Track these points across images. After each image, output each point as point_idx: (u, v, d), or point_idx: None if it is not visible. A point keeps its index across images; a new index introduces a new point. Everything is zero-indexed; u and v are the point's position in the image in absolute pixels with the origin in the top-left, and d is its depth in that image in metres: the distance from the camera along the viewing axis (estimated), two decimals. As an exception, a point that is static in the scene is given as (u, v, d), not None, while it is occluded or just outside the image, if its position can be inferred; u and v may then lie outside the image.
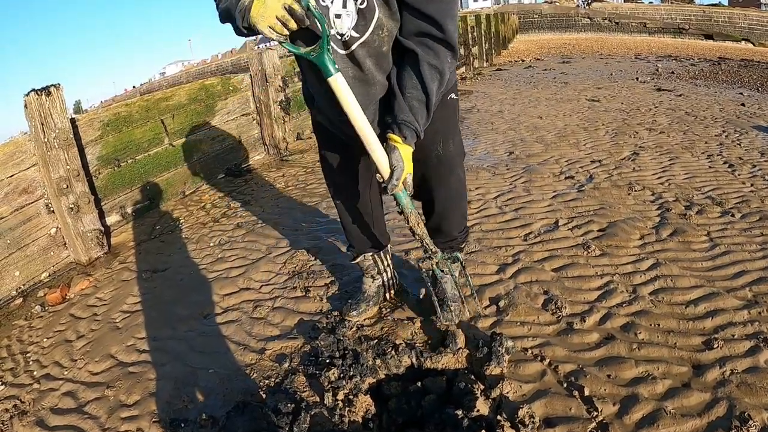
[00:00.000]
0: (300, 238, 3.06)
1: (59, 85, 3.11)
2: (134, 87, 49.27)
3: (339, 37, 1.56)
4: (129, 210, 3.75)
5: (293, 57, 5.81)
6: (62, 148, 3.07)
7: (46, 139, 3.00)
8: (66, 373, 2.15)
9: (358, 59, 1.59)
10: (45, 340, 2.43)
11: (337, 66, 1.53)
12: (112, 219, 3.61)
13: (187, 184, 4.28)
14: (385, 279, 2.25)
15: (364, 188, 2.03)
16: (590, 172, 3.68)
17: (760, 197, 3.06)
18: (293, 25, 1.43)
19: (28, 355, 2.34)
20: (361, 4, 1.51)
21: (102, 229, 3.32)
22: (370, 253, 2.20)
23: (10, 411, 1.96)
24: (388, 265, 2.26)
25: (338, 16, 1.52)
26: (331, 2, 1.51)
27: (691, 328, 1.91)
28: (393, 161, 1.62)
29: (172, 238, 3.38)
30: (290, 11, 1.40)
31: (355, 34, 1.55)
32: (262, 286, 2.57)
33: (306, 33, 1.51)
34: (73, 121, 3.28)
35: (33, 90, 3.01)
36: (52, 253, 3.14)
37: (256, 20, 1.43)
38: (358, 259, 2.22)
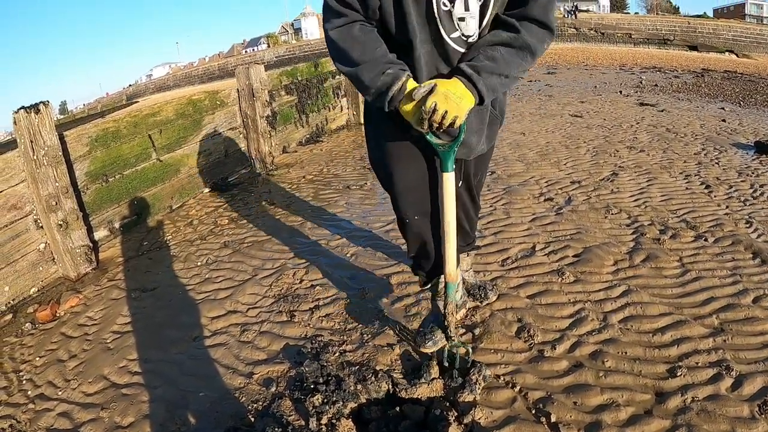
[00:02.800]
0: (285, 259, 3.13)
1: (48, 102, 3.16)
2: (124, 88, 49.02)
3: (464, 39, 1.61)
4: (117, 225, 3.81)
5: (279, 72, 5.85)
6: (51, 165, 3.12)
7: (35, 157, 3.05)
8: (60, 393, 2.20)
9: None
10: (37, 359, 2.48)
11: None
12: (100, 234, 3.66)
13: (174, 199, 4.34)
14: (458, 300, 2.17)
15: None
16: (569, 193, 3.79)
17: (734, 220, 3.16)
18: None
19: (21, 374, 2.38)
20: (479, 0, 1.55)
21: (90, 244, 3.37)
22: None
23: (7, 430, 2.01)
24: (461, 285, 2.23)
25: (462, 19, 1.56)
26: (453, 6, 1.55)
27: (656, 356, 2.00)
28: (431, 88, 1.54)
29: (159, 256, 3.44)
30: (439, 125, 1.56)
31: (477, 34, 1.61)
32: (248, 309, 2.64)
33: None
34: (61, 137, 3.32)
35: (22, 107, 3.06)
36: (41, 269, 3.19)
37: (412, 119, 1.60)
38: (431, 284, 2.17)
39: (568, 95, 8.70)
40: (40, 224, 3.18)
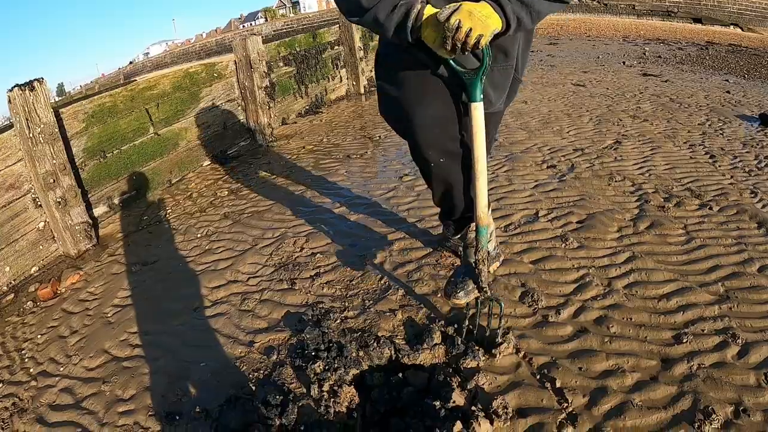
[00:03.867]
0: (286, 228, 3.11)
1: (42, 79, 3.10)
2: (120, 68, 48.64)
3: None
4: (116, 201, 3.78)
5: (277, 43, 5.76)
6: (48, 143, 3.08)
7: (31, 135, 3.00)
8: (62, 369, 2.20)
9: None
10: (39, 336, 2.48)
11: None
12: (99, 210, 3.63)
13: (173, 173, 4.30)
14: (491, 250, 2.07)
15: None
16: (572, 161, 3.74)
17: (738, 190, 3.11)
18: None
19: (23, 352, 2.38)
20: None
21: (90, 221, 3.34)
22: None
23: (10, 409, 2.01)
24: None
25: None
26: None
27: (662, 322, 1.98)
28: (457, 7, 1.49)
29: (159, 229, 3.42)
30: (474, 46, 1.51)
31: None
32: (249, 278, 2.63)
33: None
34: (57, 114, 3.28)
35: (17, 85, 3.00)
36: (41, 247, 3.17)
37: (434, 44, 1.55)
38: (461, 234, 2.08)
39: (571, 65, 8.56)
40: (39, 203, 3.15)
